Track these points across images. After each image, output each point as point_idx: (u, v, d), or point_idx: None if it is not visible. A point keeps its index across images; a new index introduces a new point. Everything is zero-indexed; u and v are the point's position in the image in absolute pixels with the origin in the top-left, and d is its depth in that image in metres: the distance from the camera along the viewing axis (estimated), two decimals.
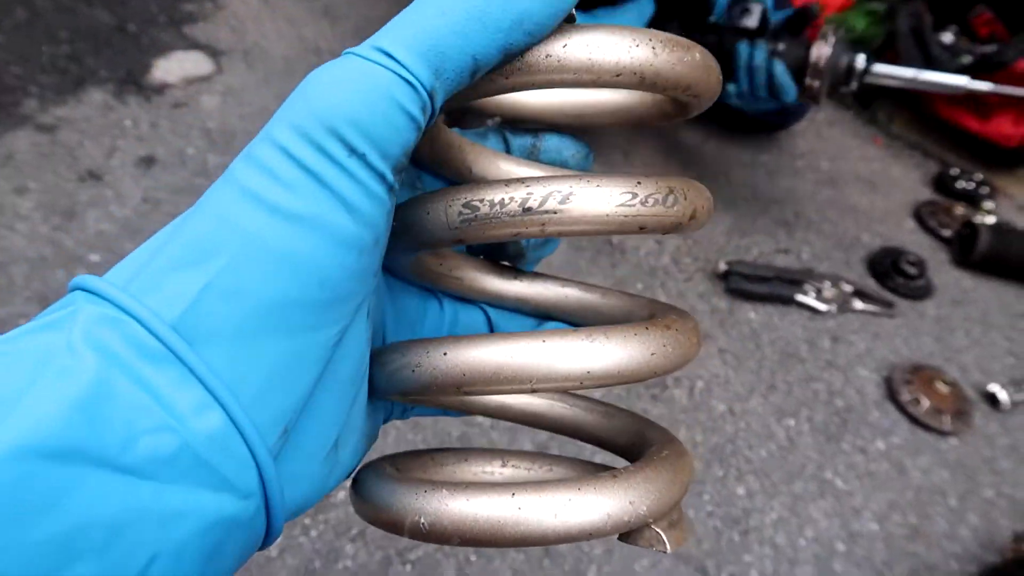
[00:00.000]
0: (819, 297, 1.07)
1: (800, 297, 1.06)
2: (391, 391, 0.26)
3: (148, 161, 1.01)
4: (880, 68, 1.01)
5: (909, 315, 1.11)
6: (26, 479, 0.17)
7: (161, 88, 1.12)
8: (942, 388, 0.97)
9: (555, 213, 0.22)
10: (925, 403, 0.95)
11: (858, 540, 0.81)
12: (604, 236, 0.45)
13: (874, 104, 1.52)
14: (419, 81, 0.21)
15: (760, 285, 1.05)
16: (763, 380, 0.95)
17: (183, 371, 0.19)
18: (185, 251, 0.21)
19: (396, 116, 0.21)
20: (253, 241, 0.20)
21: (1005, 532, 0.84)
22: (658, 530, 0.23)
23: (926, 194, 1.36)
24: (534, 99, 0.29)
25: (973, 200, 1.35)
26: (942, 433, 0.94)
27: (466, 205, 0.23)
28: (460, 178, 0.27)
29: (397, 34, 0.21)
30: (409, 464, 0.29)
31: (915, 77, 1.03)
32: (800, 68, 0.98)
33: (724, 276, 1.06)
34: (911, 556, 0.81)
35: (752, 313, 1.04)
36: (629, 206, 0.23)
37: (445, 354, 0.24)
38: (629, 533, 0.23)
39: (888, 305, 1.10)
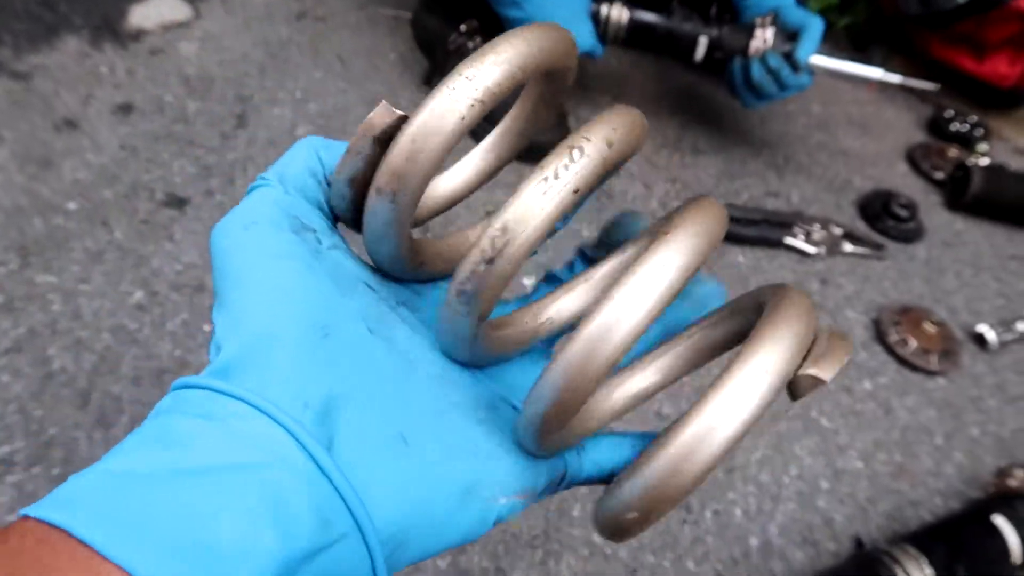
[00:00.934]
0: (808, 240, 1.06)
1: (789, 240, 1.05)
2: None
3: (125, 109, 0.99)
4: (816, 60, 1.00)
5: (899, 257, 1.10)
6: None
7: (138, 34, 1.10)
8: (930, 329, 0.96)
9: (504, 252, 0.23)
10: (913, 344, 0.95)
11: (842, 478, 0.82)
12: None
13: (870, 47, 1.49)
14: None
15: (749, 228, 1.04)
16: None
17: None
18: None
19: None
20: None
21: (989, 468, 0.85)
22: (810, 372, 0.24)
23: (919, 137, 1.35)
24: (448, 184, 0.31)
25: (967, 142, 1.33)
26: (929, 373, 0.94)
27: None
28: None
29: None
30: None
31: (839, 69, 1.02)
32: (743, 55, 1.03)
33: None
34: (895, 493, 0.82)
35: (740, 256, 1.03)
36: (550, 192, 0.23)
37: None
38: (790, 388, 0.25)
39: (878, 248, 1.10)
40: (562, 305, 0.30)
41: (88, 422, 0.71)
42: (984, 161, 1.28)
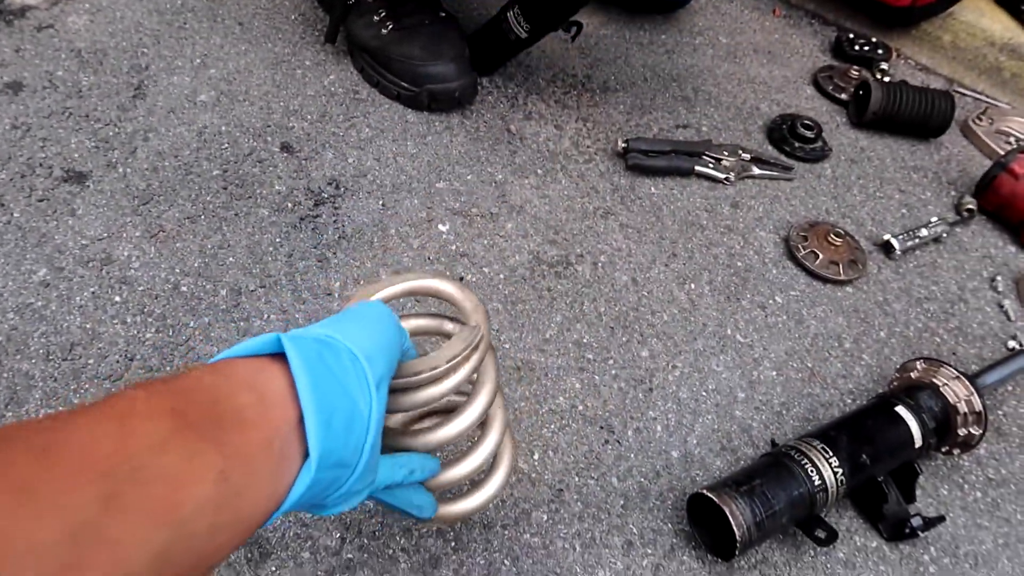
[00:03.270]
0: (718, 167, 1.09)
1: (699, 168, 1.07)
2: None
3: (15, 87, 0.96)
4: None
5: (807, 177, 1.13)
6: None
7: (22, 10, 1.06)
8: (837, 241, 1.00)
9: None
10: (821, 256, 0.98)
11: (757, 387, 0.85)
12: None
13: None
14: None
15: (659, 159, 1.06)
16: (664, 250, 0.97)
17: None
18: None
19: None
20: None
21: (896, 367, 0.89)
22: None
23: (824, 60, 1.38)
24: None
25: (869, 63, 1.37)
26: (838, 283, 0.98)
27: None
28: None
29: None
30: None
31: None
32: None
33: (623, 154, 1.06)
34: (808, 397, 0.86)
35: (653, 188, 1.05)
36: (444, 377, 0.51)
37: None
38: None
39: (787, 169, 1.13)
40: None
41: None
42: (887, 80, 1.32)
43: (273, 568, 0.64)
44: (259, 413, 0.34)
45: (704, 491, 0.67)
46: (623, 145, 1.06)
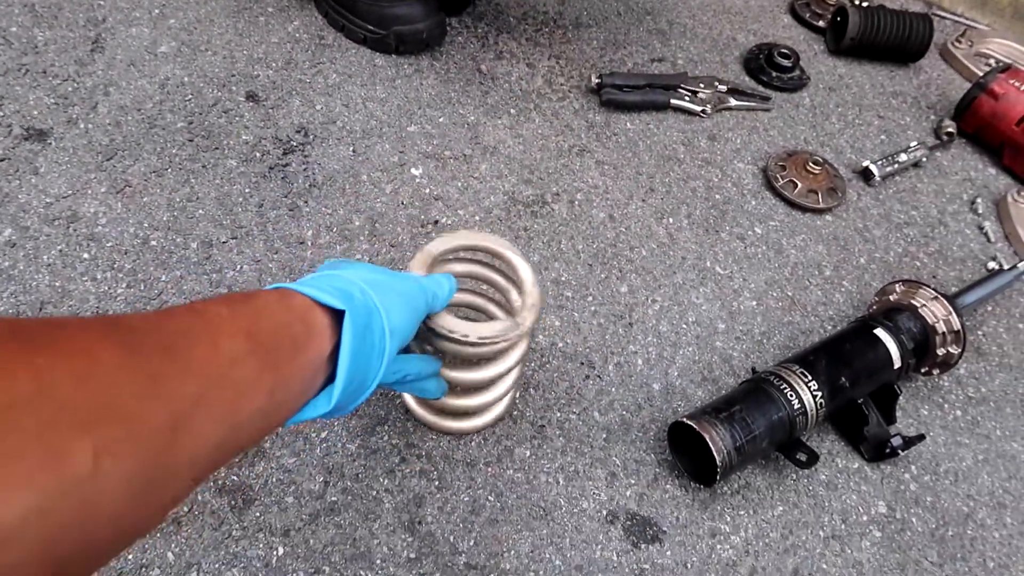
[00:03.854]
0: (694, 100, 1.07)
1: (675, 102, 1.06)
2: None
3: None
4: None
5: (785, 107, 1.12)
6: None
7: None
8: (815, 169, 0.99)
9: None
10: (800, 185, 0.98)
11: (737, 318, 0.85)
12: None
13: None
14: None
15: (634, 94, 1.04)
16: (642, 185, 0.96)
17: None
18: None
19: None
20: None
21: (874, 292, 0.89)
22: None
23: None
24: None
25: None
26: (817, 211, 0.97)
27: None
28: None
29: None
30: None
31: None
32: None
33: (597, 90, 1.04)
34: (788, 325, 0.86)
35: (628, 123, 1.04)
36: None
37: None
38: None
39: (764, 100, 1.11)
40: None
41: None
42: (864, 6, 1.29)
43: (257, 514, 0.64)
44: (306, 344, 0.42)
45: (684, 419, 0.68)
46: (597, 81, 1.04)
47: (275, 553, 0.62)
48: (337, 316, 0.45)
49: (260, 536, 0.63)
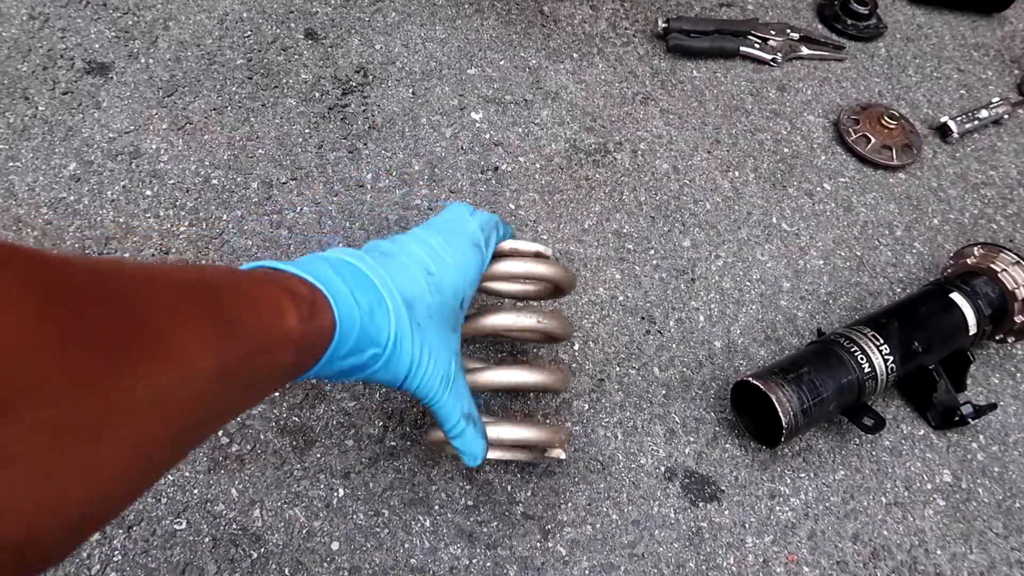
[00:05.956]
0: (764, 47, 1.02)
1: (744, 49, 1.01)
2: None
3: None
4: None
5: (859, 57, 1.07)
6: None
7: None
8: (890, 124, 0.94)
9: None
10: (873, 140, 0.93)
11: (803, 277, 0.83)
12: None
13: None
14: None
15: (702, 40, 1.00)
16: (707, 136, 0.93)
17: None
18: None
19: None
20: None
21: (949, 255, 0.85)
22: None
23: None
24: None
25: None
26: (890, 168, 0.93)
27: None
28: None
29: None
30: None
31: None
32: None
33: (663, 35, 1.00)
34: (856, 286, 0.83)
35: (695, 71, 1.00)
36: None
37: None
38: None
39: (838, 48, 1.06)
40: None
41: None
42: None
43: (318, 455, 0.64)
44: (323, 310, 0.42)
45: (749, 378, 0.66)
46: (663, 26, 1.00)
47: (335, 494, 0.63)
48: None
49: (321, 477, 0.63)
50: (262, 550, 0.60)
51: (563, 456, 0.61)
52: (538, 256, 0.60)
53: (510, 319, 0.59)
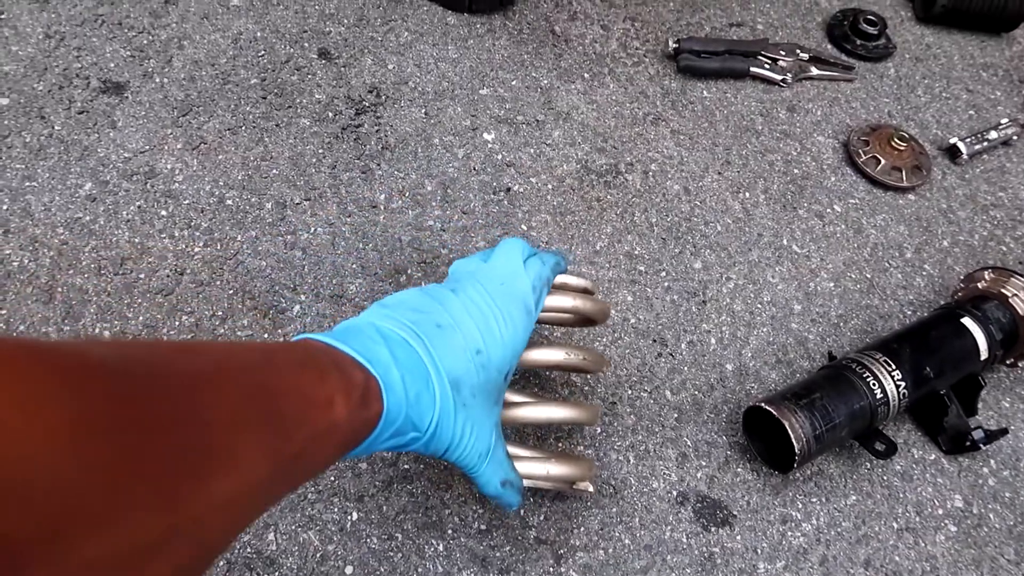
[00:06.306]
0: (774, 68, 1.03)
1: (755, 69, 1.02)
2: None
3: None
4: None
5: (868, 77, 1.07)
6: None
7: None
8: (900, 145, 0.95)
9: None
10: (883, 162, 0.94)
11: (814, 299, 0.83)
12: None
13: None
14: None
15: (712, 61, 1.00)
16: (718, 157, 0.93)
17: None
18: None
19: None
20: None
21: (959, 277, 0.86)
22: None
23: None
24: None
25: None
26: (900, 190, 0.94)
27: None
28: None
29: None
30: None
31: None
32: None
33: (674, 56, 1.01)
34: (866, 308, 0.83)
35: (705, 91, 1.00)
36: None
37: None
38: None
39: (847, 69, 1.06)
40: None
41: (56, 317, 0.70)
42: None
43: (332, 478, 0.65)
44: (374, 400, 0.42)
45: (762, 404, 0.66)
46: (674, 46, 1.01)
47: (349, 518, 0.63)
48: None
49: (335, 500, 0.64)
50: (276, 574, 0.60)
51: (591, 489, 0.62)
52: (585, 292, 0.60)
53: (550, 355, 0.59)
